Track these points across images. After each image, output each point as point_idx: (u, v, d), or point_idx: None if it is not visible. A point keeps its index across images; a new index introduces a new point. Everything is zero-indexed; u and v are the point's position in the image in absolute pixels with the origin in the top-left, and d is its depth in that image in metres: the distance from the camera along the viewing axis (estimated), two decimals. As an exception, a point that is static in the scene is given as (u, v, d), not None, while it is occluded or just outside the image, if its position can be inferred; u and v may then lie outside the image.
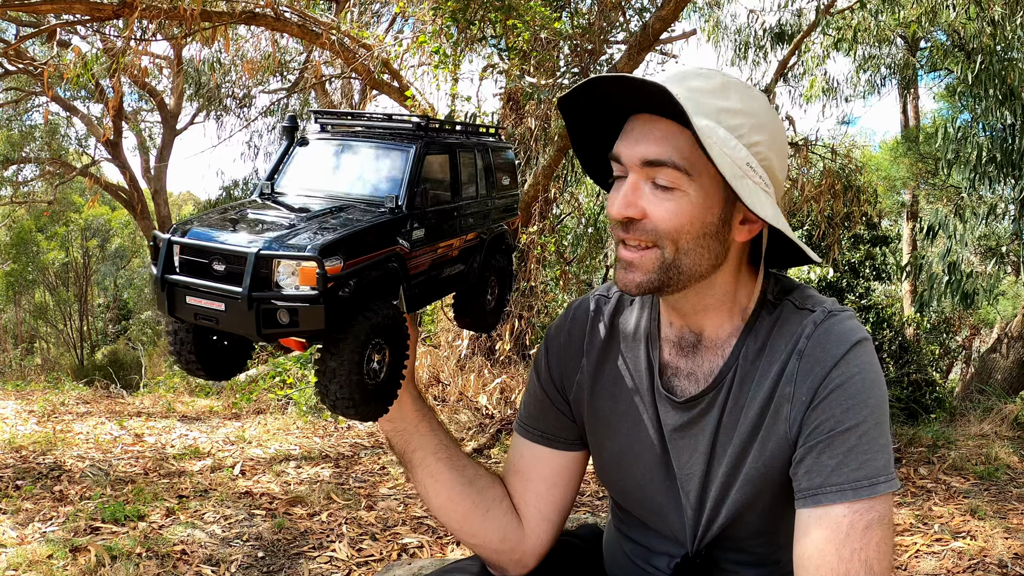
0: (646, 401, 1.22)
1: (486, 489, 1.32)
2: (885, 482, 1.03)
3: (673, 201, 1.07)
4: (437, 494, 1.29)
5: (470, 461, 1.34)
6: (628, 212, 1.08)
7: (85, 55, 6.98)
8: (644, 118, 1.09)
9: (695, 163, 1.06)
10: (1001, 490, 4.15)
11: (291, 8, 6.23)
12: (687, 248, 1.09)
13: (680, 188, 1.07)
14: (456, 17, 5.30)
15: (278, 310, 0.97)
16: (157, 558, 3.02)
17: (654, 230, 1.08)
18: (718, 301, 1.17)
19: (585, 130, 1.20)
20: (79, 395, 7.42)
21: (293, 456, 4.81)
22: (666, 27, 5.84)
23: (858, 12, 8.61)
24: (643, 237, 1.09)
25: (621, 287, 1.13)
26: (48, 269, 18.37)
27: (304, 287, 0.96)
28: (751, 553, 1.21)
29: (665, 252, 1.09)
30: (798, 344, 1.11)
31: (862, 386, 1.06)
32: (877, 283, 7.97)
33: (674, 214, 1.07)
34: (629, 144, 1.09)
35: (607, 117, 1.15)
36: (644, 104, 1.08)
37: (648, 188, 1.08)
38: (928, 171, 11.54)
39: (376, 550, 3.26)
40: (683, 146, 1.05)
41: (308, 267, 0.96)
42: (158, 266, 1.04)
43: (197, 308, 1.01)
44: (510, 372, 6.06)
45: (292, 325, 0.98)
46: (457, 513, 1.30)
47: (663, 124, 1.07)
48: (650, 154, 1.06)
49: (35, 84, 12.50)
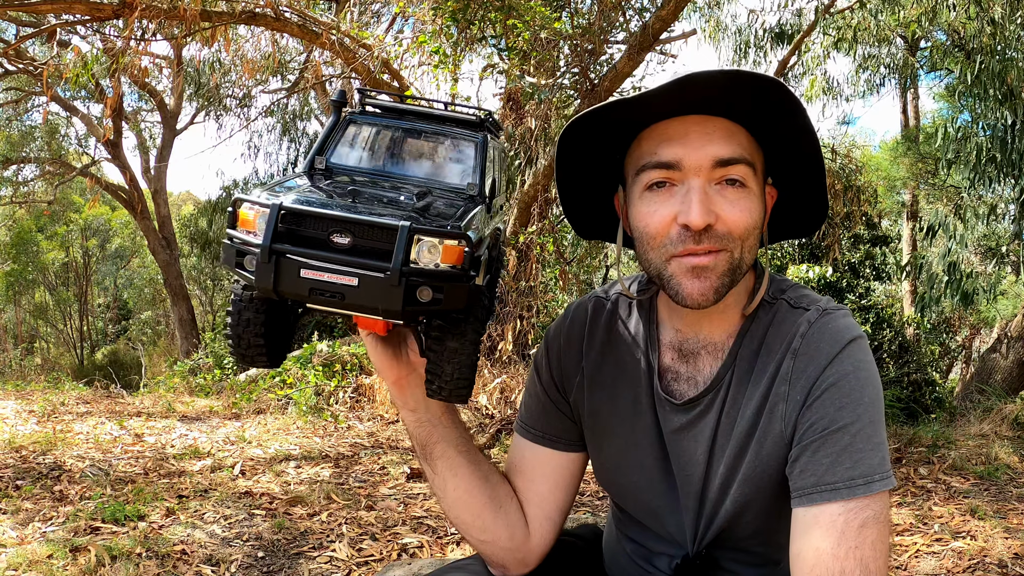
0: (645, 403, 1.22)
1: (499, 485, 1.31)
2: (880, 480, 1.03)
3: (746, 199, 1.07)
4: (455, 487, 1.28)
5: (484, 457, 1.33)
6: (709, 219, 1.04)
7: (85, 55, 6.99)
8: (690, 122, 1.07)
9: (755, 157, 1.08)
10: (1001, 490, 4.15)
11: (291, 8, 6.23)
12: (752, 245, 1.09)
13: (749, 184, 1.07)
14: (456, 17, 5.31)
15: (420, 287, 0.93)
16: (157, 558, 3.02)
17: (728, 234, 1.05)
18: (734, 300, 1.17)
19: (578, 167, 1.19)
20: (79, 395, 7.43)
21: (293, 456, 4.81)
22: (666, 27, 5.84)
23: (858, 12, 8.62)
24: (715, 244, 1.05)
25: (696, 299, 1.07)
26: (48, 269, 18.38)
27: (445, 264, 0.93)
28: (751, 553, 1.21)
29: (735, 253, 1.07)
30: (793, 343, 1.11)
31: (856, 384, 1.06)
32: (877, 283, 7.98)
33: (748, 213, 1.06)
34: (691, 147, 1.06)
35: (604, 145, 1.15)
36: (697, 103, 1.05)
37: (714, 191, 1.06)
38: (928, 171, 11.55)
39: (376, 550, 3.26)
40: (745, 141, 1.07)
41: (453, 245, 0.93)
42: (264, 234, 0.93)
43: (316, 283, 0.93)
44: (510, 372, 6.07)
45: (434, 303, 0.94)
46: (473, 508, 1.29)
47: (719, 122, 1.06)
48: (724, 153, 1.05)
49: (35, 84, 12.51)
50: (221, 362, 9.15)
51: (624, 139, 1.15)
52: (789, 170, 1.16)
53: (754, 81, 1.00)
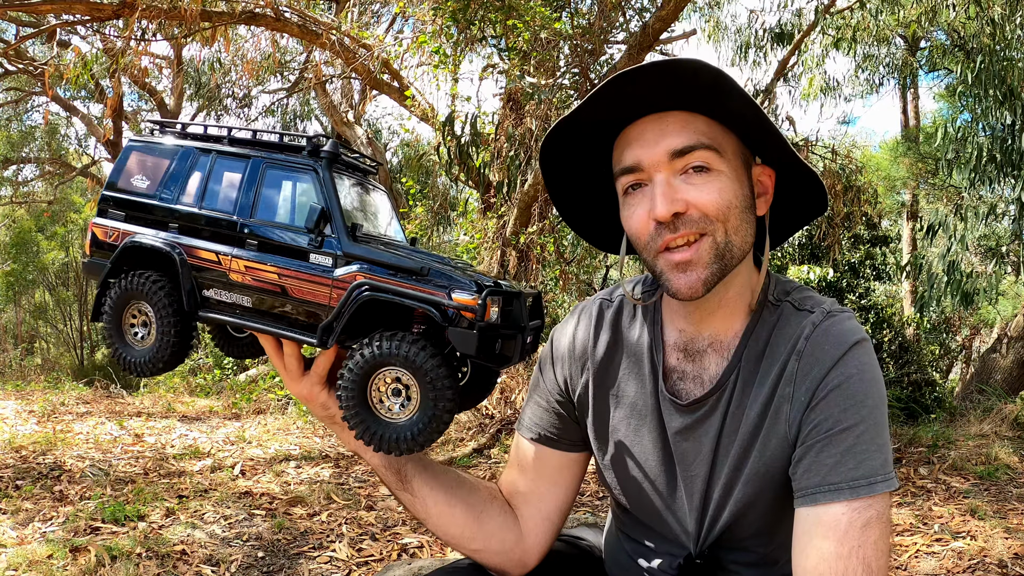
0: (650, 404, 1.22)
1: (475, 490, 1.33)
2: (883, 481, 1.03)
3: (714, 181, 1.07)
4: (435, 502, 1.29)
5: (446, 467, 1.36)
6: (675, 207, 1.06)
7: (85, 55, 6.99)
8: (646, 121, 1.09)
9: (719, 140, 1.08)
10: (1001, 490, 4.15)
11: (291, 8, 6.23)
12: (736, 225, 1.09)
13: (715, 167, 1.07)
14: (456, 17, 5.30)
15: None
16: (157, 558, 3.02)
17: (703, 217, 1.07)
18: (736, 295, 1.17)
19: (565, 179, 1.22)
20: (79, 395, 7.43)
21: (293, 456, 4.81)
22: (666, 27, 5.85)
23: (858, 12, 8.62)
24: (692, 229, 1.07)
25: (686, 293, 1.08)
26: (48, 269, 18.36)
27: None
28: (754, 552, 1.21)
29: (717, 236, 1.08)
30: (797, 345, 1.12)
31: (860, 386, 1.07)
32: (877, 283, 7.96)
33: (718, 193, 1.07)
34: (646, 145, 1.08)
35: (584, 155, 1.17)
36: (647, 103, 1.07)
37: (679, 181, 1.07)
38: (928, 171, 11.55)
39: (376, 550, 3.26)
40: (703, 127, 1.07)
41: None
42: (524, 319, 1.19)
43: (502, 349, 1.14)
44: (510, 372, 6.06)
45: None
46: (457, 519, 1.30)
47: (673, 116, 1.07)
48: (676, 144, 1.06)
49: (35, 84, 12.51)
50: (221, 362, 9.14)
51: (605, 151, 1.17)
52: (766, 149, 1.15)
53: (676, 69, 1.01)
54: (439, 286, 1.10)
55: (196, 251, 1.21)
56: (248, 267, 1.18)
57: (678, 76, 1.01)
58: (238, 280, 1.18)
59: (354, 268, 1.13)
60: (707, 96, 1.04)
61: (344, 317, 1.11)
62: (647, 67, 1.00)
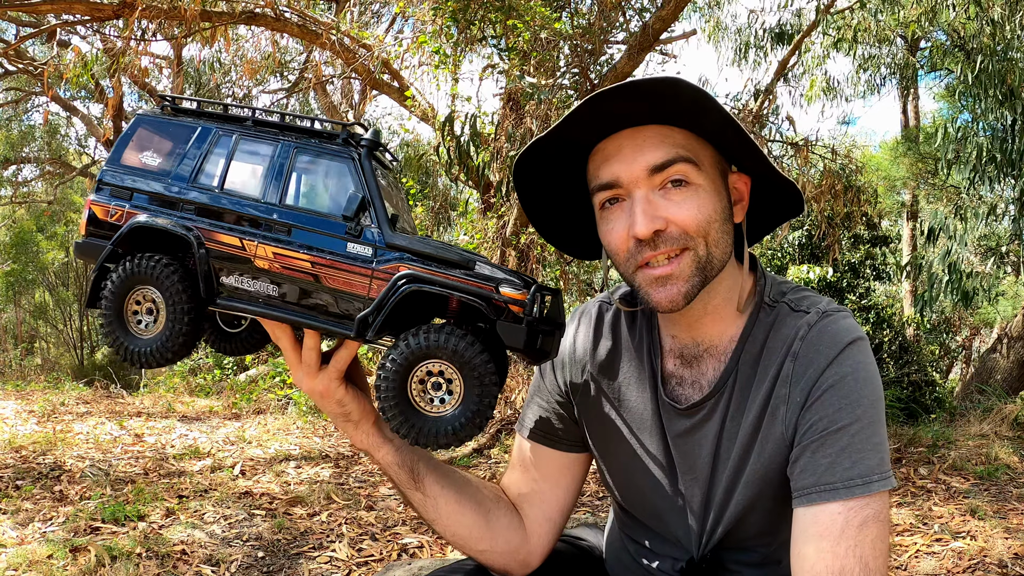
0: (650, 408, 1.23)
1: (482, 490, 1.32)
2: (879, 480, 1.03)
3: (693, 197, 1.06)
4: (447, 500, 1.26)
5: (454, 467, 1.35)
6: (656, 225, 1.05)
7: (85, 55, 6.99)
8: (622, 136, 1.08)
9: (697, 152, 1.07)
10: (1001, 490, 4.15)
11: (291, 8, 6.24)
12: (716, 238, 1.08)
13: (693, 181, 1.07)
14: (456, 17, 5.31)
15: None
16: (157, 558, 3.02)
17: (683, 233, 1.06)
18: (724, 300, 1.17)
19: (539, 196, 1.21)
20: (79, 395, 7.43)
21: (293, 456, 4.81)
22: (666, 27, 5.85)
23: (858, 12, 8.61)
24: (673, 246, 1.06)
25: (666, 306, 1.08)
26: (48, 269, 18.37)
27: None
28: (755, 553, 1.21)
29: (698, 250, 1.07)
30: (793, 346, 1.12)
31: (855, 385, 1.07)
32: (877, 283, 7.97)
33: (697, 209, 1.06)
34: (624, 161, 1.07)
35: (556, 168, 1.16)
36: (622, 119, 1.06)
37: (658, 196, 1.07)
38: (928, 171, 11.55)
39: (376, 550, 3.26)
40: (680, 140, 1.06)
41: None
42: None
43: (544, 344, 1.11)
44: (510, 372, 6.06)
45: None
46: (466, 518, 1.28)
47: (650, 130, 1.07)
48: (655, 159, 1.06)
49: (35, 84, 12.51)
50: (221, 362, 9.14)
51: (579, 165, 1.16)
52: (744, 160, 1.15)
53: (655, 89, 1.00)
54: (486, 279, 1.07)
55: (215, 235, 1.14)
56: (277, 254, 1.12)
57: (658, 95, 1.01)
58: (264, 267, 1.12)
59: (396, 258, 1.09)
60: (685, 113, 1.04)
61: (387, 308, 1.07)
62: (625, 87, 0.99)
